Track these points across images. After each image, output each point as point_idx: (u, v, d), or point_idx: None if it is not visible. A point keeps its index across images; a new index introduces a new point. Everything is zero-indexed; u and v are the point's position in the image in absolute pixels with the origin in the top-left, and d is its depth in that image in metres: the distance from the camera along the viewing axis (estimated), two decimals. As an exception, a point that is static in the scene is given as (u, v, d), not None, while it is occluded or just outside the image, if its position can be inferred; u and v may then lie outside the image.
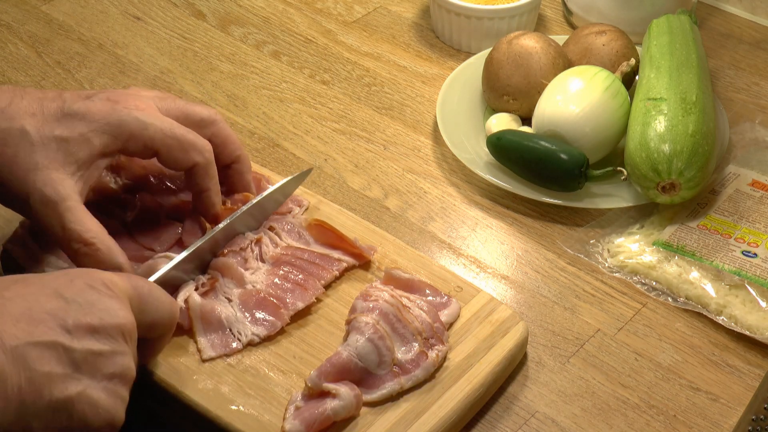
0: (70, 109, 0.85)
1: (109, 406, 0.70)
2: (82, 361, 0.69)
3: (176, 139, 0.88)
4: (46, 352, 0.68)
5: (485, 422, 0.87)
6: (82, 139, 0.84)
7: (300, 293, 0.90)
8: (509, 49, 1.13)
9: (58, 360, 0.69)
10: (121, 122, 0.86)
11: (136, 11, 1.33)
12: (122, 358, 0.71)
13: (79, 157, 0.84)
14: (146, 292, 0.75)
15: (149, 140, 0.87)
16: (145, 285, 0.76)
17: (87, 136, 0.84)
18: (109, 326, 0.71)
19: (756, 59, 1.27)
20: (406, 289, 0.91)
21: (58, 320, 0.70)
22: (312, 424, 0.81)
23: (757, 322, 0.93)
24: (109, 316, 0.71)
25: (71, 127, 0.84)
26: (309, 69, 1.24)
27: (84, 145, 0.84)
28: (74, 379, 0.69)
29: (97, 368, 0.70)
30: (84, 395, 0.69)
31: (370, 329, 0.85)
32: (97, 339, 0.70)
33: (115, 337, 0.71)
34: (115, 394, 0.71)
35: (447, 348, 0.87)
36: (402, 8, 1.34)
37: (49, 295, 0.71)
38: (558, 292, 0.98)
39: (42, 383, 0.68)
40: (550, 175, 1.04)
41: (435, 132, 1.15)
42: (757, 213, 1.02)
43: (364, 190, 1.09)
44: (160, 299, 0.76)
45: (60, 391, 0.68)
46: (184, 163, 0.89)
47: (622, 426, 0.87)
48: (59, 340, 0.69)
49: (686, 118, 1.00)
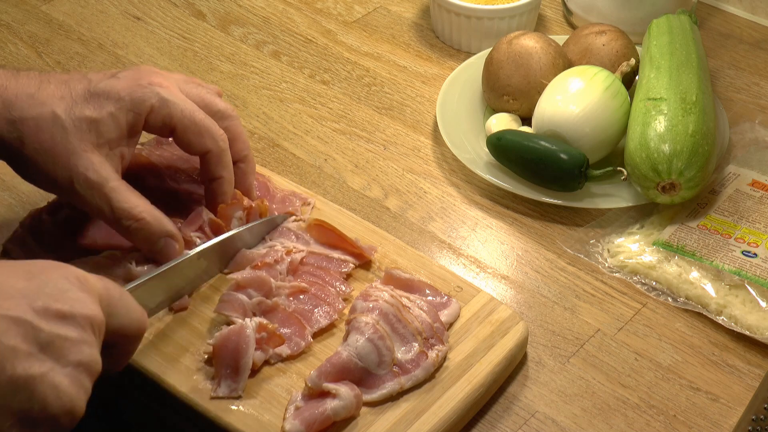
0: (97, 89, 0.88)
1: (71, 394, 0.68)
2: (49, 344, 0.68)
3: (194, 122, 0.90)
4: (13, 327, 0.67)
5: (485, 422, 0.87)
6: (111, 118, 0.87)
7: (323, 310, 0.90)
8: (509, 49, 1.13)
9: (24, 337, 0.67)
10: (143, 98, 0.88)
11: (136, 11, 1.33)
12: (89, 349, 0.69)
13: (110, 137, 0.87)
14: (117, 296, 0.74)
15: (167, 117, 0.89)
16: (117, 289, 0.74)
17: (115, 114, 0.87)
18: (78, 315, 0.69)
19: (756, 59, 1.27)
20: (406, 289, 0.91)
21: (29, 299, 0.68)
22: (312, 424, 0.81)
23: (757, 322, 0.93)
24: (79, 306, 0.70)
25: (99, 106, 0.87)
26: (309, 69, 1.24)
27: (113, 124, 0.87)
28: (38, 360, 0.67)
29: (62, 353, 0.68)
30: (47, 378, 0.67)
31: (370, 329, 0.85)
32: (66, 325, 0.69)
33: (83, 327, 0.69)
34: (78, 382, 0.69)
35: (447, 348, 0.87)
36: (402, 8, 1.34)
37: (20, 277, 0.70)
38: (558, 292, 0.98)
39: (5, 357, 0.66)
40: (550, 175, 1.04)
41: (435, 132, 1.15)
42: (757, 213, 1.02)
43: (364, 190, 1.09)
44: (130, 306, 0.75)
45: (23, 368, 0.66)
46: (198, 147, 0.91)
47: (622, 426, 0.87)
48: (27, 318, 0.67)
49: (686, 118, 1.00)
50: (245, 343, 0.84)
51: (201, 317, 0.90)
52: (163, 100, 0.89)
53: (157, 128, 0.90)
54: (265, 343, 0.85)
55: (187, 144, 0.91)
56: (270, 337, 0.86)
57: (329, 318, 0.89)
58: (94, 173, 0.86)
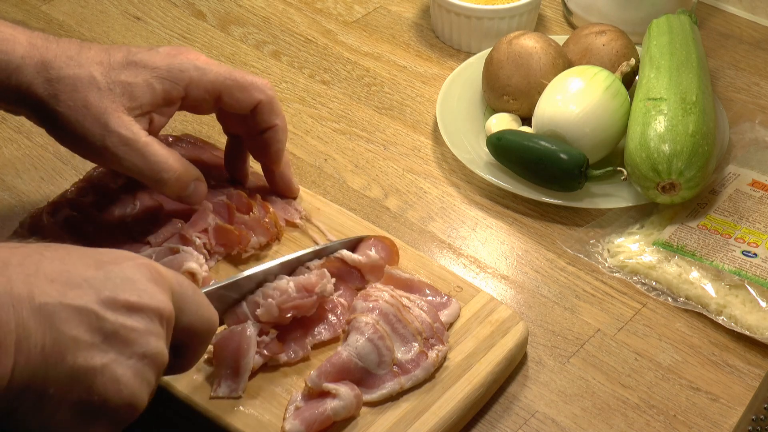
0: (135, 58, 0.90)
1: (133, 386, 0.66)
2: (113, 334, 0.66)
3: (236, 80, 0.93)
4: (77, 316, 0.65)
5: (485, 422, 0.87)
6: (146, 84, 0.90)
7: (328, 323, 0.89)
8: (509, 49, 1.13)
9: (88, 327, 0.65)
10: (182, 69, 0.91)
11: (136, 11, 1.33)
12: (156, 341, 0.67)
13: (143, 102, 0.89)
14: (190, 292, 0.72)
15: (210, 84, 0.92)
16: (190, 285, 0.73)
17: (150, 81, 0.90)
18: (146, 306, 0.67)
19: (756, 59, 1.27)
20: (406, 289, 0.91)
21: (95, 289, 0.66)
22: (312, 424, 0.81)
23: (757, 322, 0.93)
24: (148, 297, 0.68)
25: (135, 73, 0.90)
26: (309, 69, 1.24)
27: (147, 90, 0.90)
28: (101, 351, 0.65)
29: (127, 344, 0.66)
30: (108, 369, 0.65)
31: (370, 329, 0.85)
32: (133, 316, 0.67)
33: (151, 318, 0.67)
34: (141, 375, 0.67)
35: (447, 348, 0.87)
36: (402, 8, 1.34)
37: (89, 265, 0.68)
38: (558, 292, 0.98)
39: (67, 347, 0.64)
40: (550, 175, 1.04)
41: (435, 132, 1.15)
42: (757, 213, 1.02)
43: (364, 190, 1.09)
44: (202, 303, 0.73)
45: (84, 359, 0.65)
46: (248, 102, 0.93)
47: (622, 426, 0.87)
48: (93, 307, 0.66)
49: (686, 118, 1.00)
50: (246, 344, 0.84)
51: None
52: (201, 69, 0.92)
53: (200, 98, 0.92)
54: (264, 347, 0.85)
55: (236, 103, 0.93)
56: (269, 343, 0.86)
57: (332, 333, 0.88)
58: (127, 130, 0.88)
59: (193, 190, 0.93)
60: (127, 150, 0.88)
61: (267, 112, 0.94)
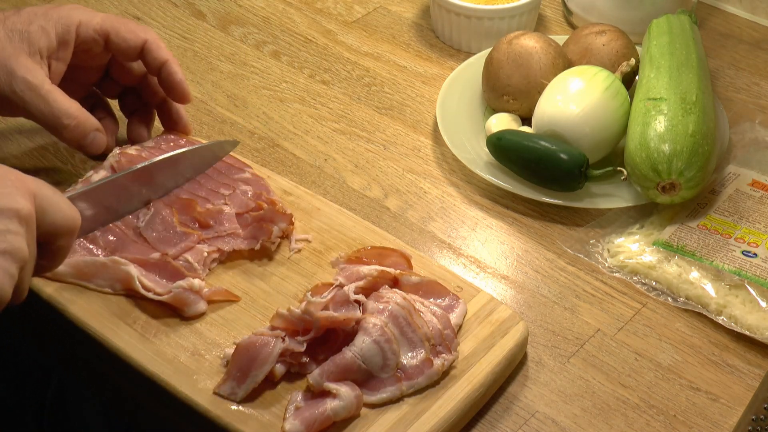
0: (25, 9, 1.00)
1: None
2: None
3: (121, 21, 1.02)
4: None
5: (485, 422, 0.87)
6: (41, 30, 0.98)
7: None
8: (509, 49, 1.13)
9: None
10: (71, 14, 1.00)
11: (136, 11, 1.33)
12: (14, 237, 0.73)
13: (41, 46, 0.98)
14: (50, 194, 0.78)
15: (98, 25, 1.01)
16: (49, 189, 0.78)
17: (44, 26, 0.98)
18: (4, 208, 0.73)
19: (756, 59, 1.27)
20: (418, 293, 0.91)
21: None
22: (312, 424, 0.81)
23: (757, 322, 0.93)
24: (6, 200, 0.74)
25: (29, 20, 0.99)
26: (309, 69, 1.24)
27: (43, 34, 0.98)
28: None
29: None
30: None
31: (378, 331, 0.85)
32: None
33: (9, 218, 0.73)
34: (2, 268, 0.72)
35: (454, 357, 0.87)
36: (402, 8, 1.34)
37: None
38: (558, 292, 0.98)
39: None
40: (550, 175, 1.04)
41: (435, 132, 1.15)
42: (757, 213, 1.02)
43: (364, 190, 1.09)
44: (61, 203, 0.79)
45: None
46: (135, 42, 1.02)
47: (622, 426, 0.87)
48: None
49: (686, 118, 1.00)
50: (265, 358, 0.84)
51: (203, 319, 0.90)
52: (88, 13, 1.01)
53: (91, 38, 1.00)
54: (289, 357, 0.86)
55: (124, 42, 1.01)
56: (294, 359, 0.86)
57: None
58: (32, 76, 0.97)
59: (92, 139, 1.00)
60: (33, 95, 0.97)
61: (156, 49, 1.02)
